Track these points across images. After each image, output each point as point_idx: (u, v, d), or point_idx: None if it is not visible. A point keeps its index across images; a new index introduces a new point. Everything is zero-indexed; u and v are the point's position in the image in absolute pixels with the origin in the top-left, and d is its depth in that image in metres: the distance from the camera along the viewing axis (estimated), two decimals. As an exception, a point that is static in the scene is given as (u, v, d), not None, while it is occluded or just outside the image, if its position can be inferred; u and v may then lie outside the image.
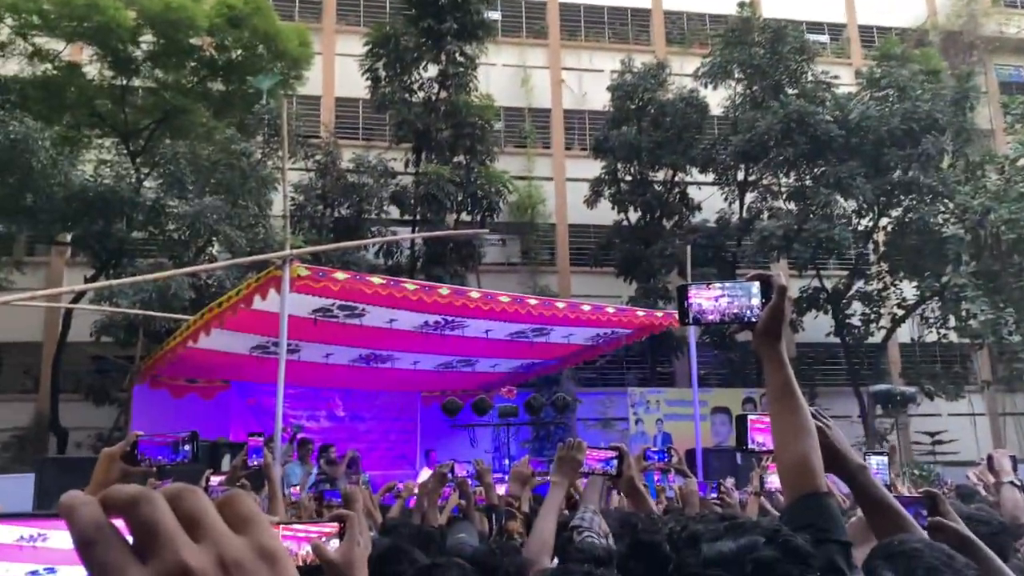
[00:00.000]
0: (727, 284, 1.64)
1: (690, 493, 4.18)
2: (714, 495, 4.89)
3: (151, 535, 0.48)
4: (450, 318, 9.94)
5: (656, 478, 7.05)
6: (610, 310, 10.46)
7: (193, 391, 11.98)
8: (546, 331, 11.03)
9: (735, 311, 1.61)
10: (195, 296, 12.23)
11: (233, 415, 12.26)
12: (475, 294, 9.22)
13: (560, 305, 10.03)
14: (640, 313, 10.97)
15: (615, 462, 2.82)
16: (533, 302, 9.72)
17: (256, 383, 12.38)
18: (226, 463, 8.58)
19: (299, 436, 10.39)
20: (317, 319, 9.22)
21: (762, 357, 1.60)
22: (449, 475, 4.64)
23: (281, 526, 1.50)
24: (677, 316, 1.67)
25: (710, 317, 1.64)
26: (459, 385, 14.23)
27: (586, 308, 10.15)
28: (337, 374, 12.31)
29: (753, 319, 1.60)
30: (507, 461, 12.46)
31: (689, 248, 13.68)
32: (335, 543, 1.52)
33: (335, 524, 1.54)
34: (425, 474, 12.22)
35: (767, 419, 1.70)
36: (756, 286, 1.62)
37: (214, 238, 13.38)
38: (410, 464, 13.49)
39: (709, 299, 1.63)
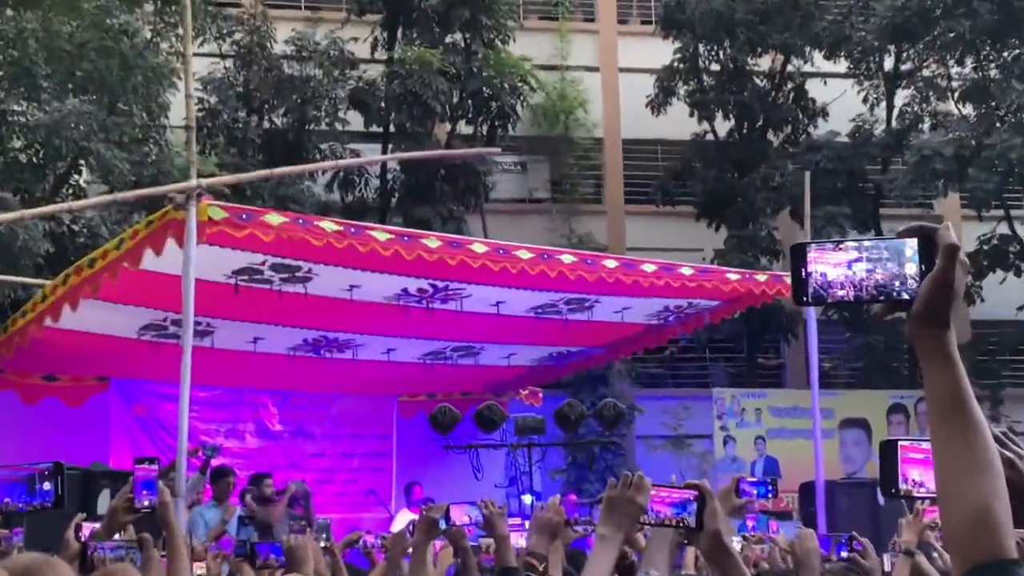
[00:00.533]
0: (867, 241, 1.61)
1: (806, 553, 4.19)
2: (841, 555, 4.90)
3: None
4: (442, 284, 9.94)
5: (750, 524, 7.11)
6: (686, 271, 10.43)
7: (53, 393, 12.11)
8: (588, 303, 11.02)
9: (879, 283, 1.58)
10: (54, 250, 12.32)
11: (114, 429, 12.40)
12: (480, 247, 9.21)
13: (609, 264, 9.99)
14: (732, 276, 10.94)
15: (693, 507, 2.83)
16: (568, 259, 9.69)
17: (148, 381, 12.48)
18: (104, 502, 8.69)
19: (214, 462, 10.49)
20: (239, 285, 9.24)
21: (920, 353, 1.57)
22: (441, 523, 4.68)
23: None
24: (790, 289, 1.64)
25: (840, 292, 1.60)
26: (455, 386, 14.28)
27: (649, 268, 10.12)
28: (271, 368, 12.39)
29: (907, 296, 1.57)
30: (529, 501, 12.57)
31: (808, 176, 13.58)
32: None
33: None
34: (404, 519, 12.40)
35: (927, 445, 1.68)
36: (912, 244, 1.58)
37: (82, 161, 13.43)
38: (382, 503, 13.64)
39: (839, 265, 1.60)
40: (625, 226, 22.12)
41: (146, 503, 3.58)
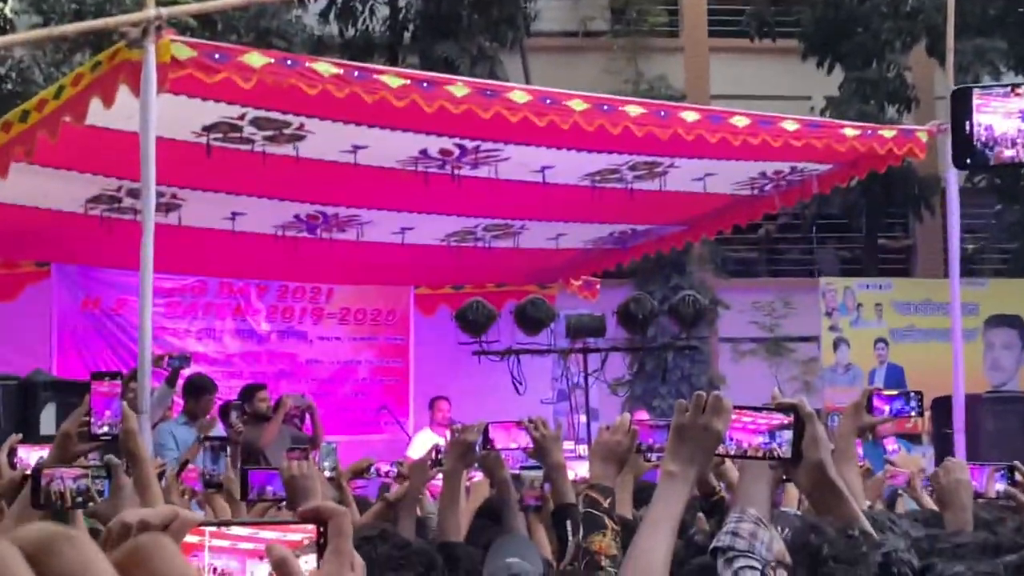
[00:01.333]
0: None
1: (954, 487, 4.21)
2: (998, 489, 4.93)
3: None
4: (471, 143, 9.91)
5: (890, 448, 7.14)
6: (789, 125, 10.31)
7: (-19, 283, 12.34)
8: (660, 168, 10.97)
9: None
10: (-24, 101, 12.38)
11: (58, 328, 12.63)
12: (520, 96, 9.12)
13: (689, 116, 9.90)
14: (849, 131, 10.80)
15: (787, 433, 2.86)
16: (635, 111, 9.61)
17: (99, 268, 12.65)
18: (48, 419, 8.88)
19: (185, 372, 10.68)
20: (212, 144, 9.26)
21: None
22: (477, 447, 4.76)
23: (210, 531, 1.56)
24: (952, 147, 1.63)
25: (1008, 153, 1.60)
26: (488, 275, 14.35)
27: (740, 122, 10.03)
28: (253, 251, 12.52)
29: None
30: (585, 420, 12.71)
31: (952, -1, 13.26)
32: (308, 563, 1.58)
33: (308, 527, 1.60)
34: (425, 442, 12.58)
35: None
36: None
37: (6, -15, 13.39)
38: (397, 422, 13.87)
39: (1011, 116, 1.59)
40: (709, 67, 21.87)
41: (106, 428, 3.66)
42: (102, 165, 9.73)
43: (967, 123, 1.59)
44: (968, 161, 1.63)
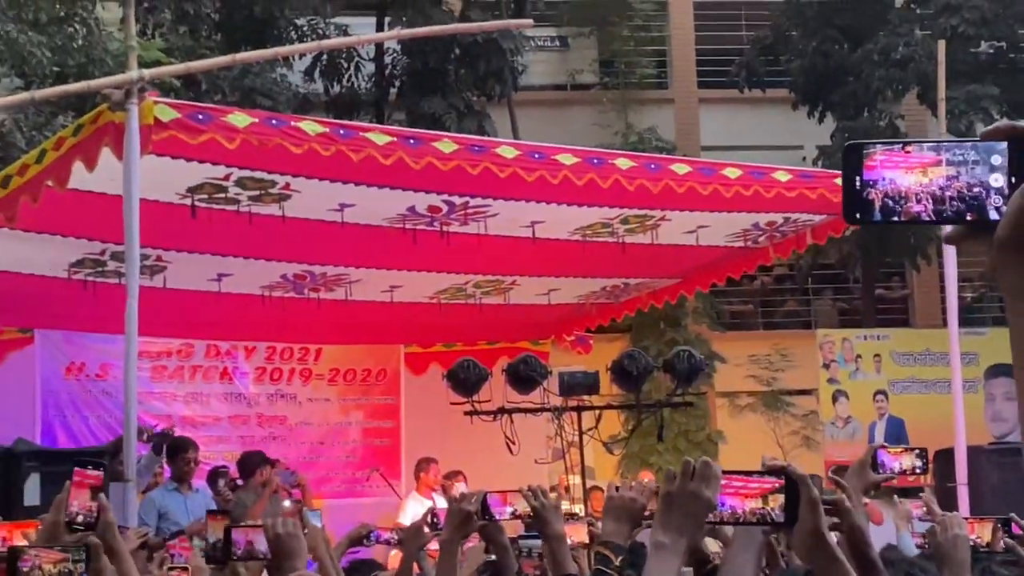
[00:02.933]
0: (946, 145, 1.63)
1: (951, 542, 4.20)
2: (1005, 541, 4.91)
3: None
4: (460, 199, 9.93)
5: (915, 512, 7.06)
6: (781, 176, 10.35)
7: (-36, 350, 12.34)
8: (652, 221, 10.99)
9: (961, 196, 1.61)
10: (-43, 165, 12.41)
11: (42, 395, 12.60)
12: (509, 151, 9.16)
13: (680, 169, 9.94)
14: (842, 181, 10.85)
15: (780, 497, 2.85)
16: (625, 164, 9.64)
17: (82, 334, 12.64)
18: (32, 490, 8.84)
19: (172, 436, 10.65)
20: (197, 206, 9.27)
21: (1005, 290, 1.60)
22: (475, 516, 4.74)
23: None
24: (841, 206, 1.66)
25: (914, 208, 1.62)
26: (479, 332, 14.34)
27: (732, 173, 10.06)
28: (240, 313, 12.53)
29: (990, 216, 1.59)
30: (572, 481, 12.66)
31: (942, 46, 13.39)
32: None
33: None
34: (414, 507, 12.53)
35: None
36: (1001, 150, 1.60)
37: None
38: (389, 486, 13.81)
39: (913, 170, 1.61)
40: (699, 118, 21.98)
41: (80, 518, 3.67)
42: (85, 228, 9.74)
43: (857, 178, 1.63)
44: (860, 216, 1.66)
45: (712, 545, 5.04)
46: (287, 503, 10.63)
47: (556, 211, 10.35)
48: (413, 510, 12.38)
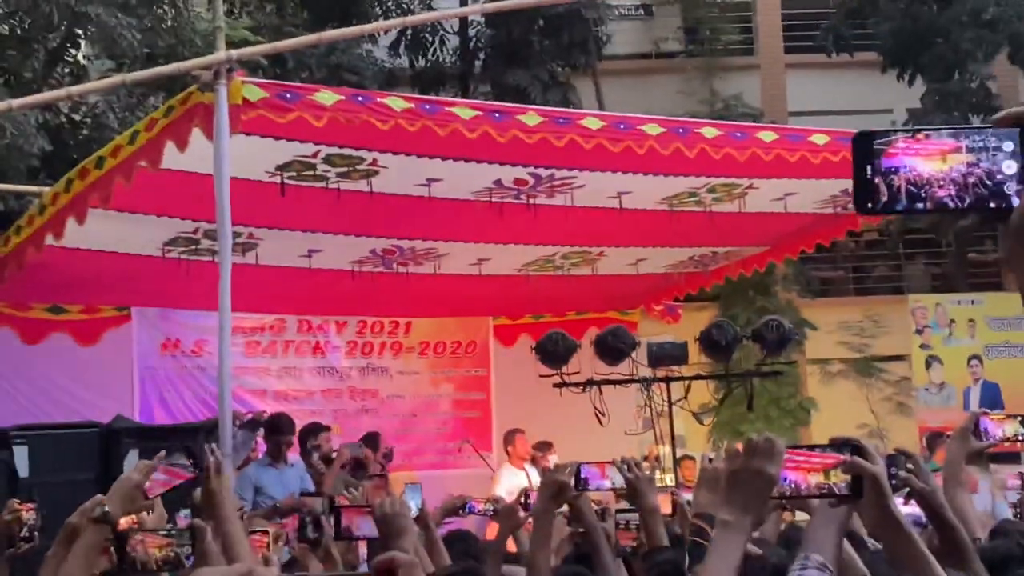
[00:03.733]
0: (964, 131, 1.62)
1: None
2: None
3: None
4: (546, 172, 9.93)
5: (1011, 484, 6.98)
6: (870, 142, 10.24)
7: (61, 329, 12.50)
8: (739, 189, 10.94)
9: (983, 182, 1.59)
10: (51, 148, 12.60)
11: (139, 371, 12.78)
12: (594, 122, 9.13)
13: (767, 136, 9.86)
14: (932, 145, 10.71)
15: (843, 472, 2.83)
16: (711, 133, 9.58)
17: (178, 310, 12.81)
18: (130, 467, 9.02)
19: (265, 416, 10.78)
20: (286, 183, 9.34)
21: (1018, 274, 1.58)
22: (569, 487, 4.75)
23: None
24: (853, 195, 1.63)
25: (939, 194, 1.61)
26: (566, 303, 14.35)
27: (820, 139, 9.96)
28: (330, 288, 12.62)
29: (1013, 203, 1.58)
30: (662, 452, 12.63)
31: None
32: None
33: None
34: (507, 477, 12.57)
35: None
36: (1013, 136, 1.59)
37: (78, 31, 13.65)
38: (481, 457, 13.87)
39: (932, 157, 1.60)
40: (786, 84, 21.76)
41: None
42: (178, 208, 9.85)
43: (873, 164, 1.61)
44: (873, 206, 1.64)
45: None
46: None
47: (642, 181, 10.32)
48: (507, 480, 12.45)
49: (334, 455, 10.48)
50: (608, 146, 9.02)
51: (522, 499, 5.87)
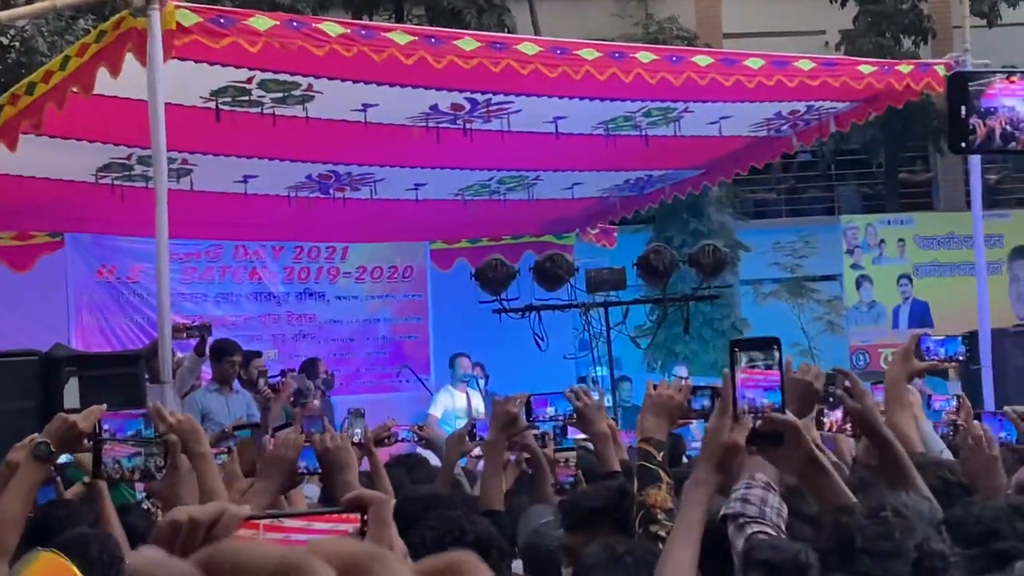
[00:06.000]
0: None
1: (986, 464, 4.18)
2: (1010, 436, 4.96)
3: None
4: (483, 97, 9.91)
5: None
6: (803, 65, 10.29)
7: (-6, 256, 12.42)
8: (674, 113, 10.97)
9: None
10: (-19, 73, 12.41)
11: (74, 298, 12.69)
12: (530, 47, 9.12)
13: (702, 60, 9.89)
14: (865, 68, 10.77)
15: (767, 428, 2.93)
16: (646, 57, 9.60)
17: (112, 236, 12.70)
18: (71, 395, 8.96)
19: (209, 339, 10.73)
20: (221, 109, 9.28)
21: None
22: (521, 418, 4.80)
23: (263, 524, 1.56)
24: (948, 134, 1.67)
25: None
26: (503, 227, 14.37)
27: (754, 63, 10.01)
28: (266, 214, 12.57)
29: None
30: (598, 375, 12.74)
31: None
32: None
33: (351, 516, 1.62)
34: (445, 398, 12.67)
35: None
36: None
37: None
38: (419, 380, 13.94)
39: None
40: (720, 6, 21.74)
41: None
42: (111, 134, 9.74)
43: (963, 107, 1.64)
44: (963, 145, 1.67)
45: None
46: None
47: (579, 106, 10.32)
48: (443, 401, 12.57)
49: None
50: (545, 71, 9.01)
51: (469, 428, 5.93)
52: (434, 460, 7.18)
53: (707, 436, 2.91)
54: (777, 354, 2.90)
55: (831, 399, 3.63)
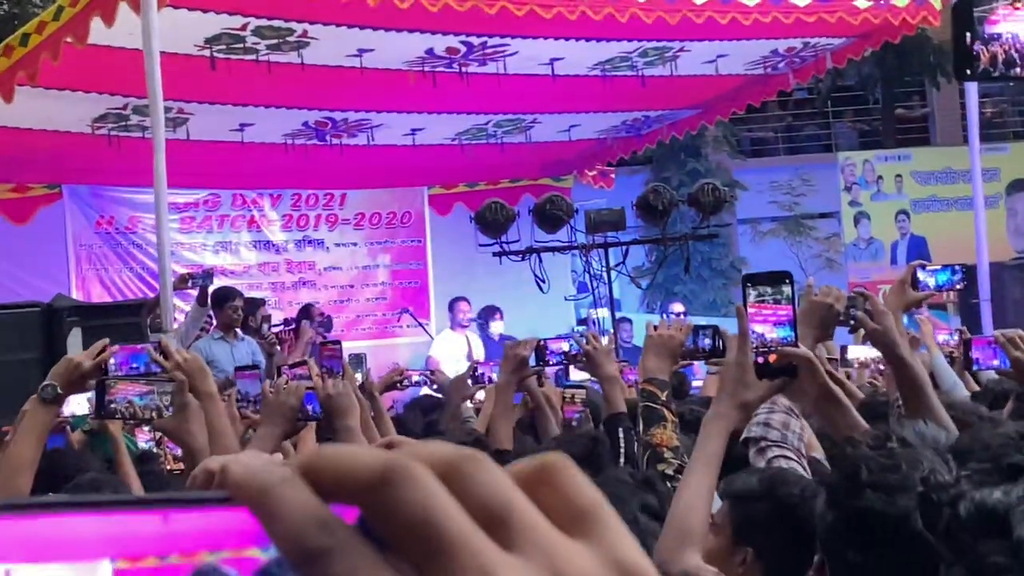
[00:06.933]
0: None
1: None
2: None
3: (436, 547, 0.54)
4: (478, 39, 9.91)
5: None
6: (800, 2, 10.24)
7: (-8, 209, 12.42)
8: (670, 52, 10.97)
9: None
10: (-27, 25, 12.35)
11: (74, 249, 12.70)
12: (525, -11, 9.12)
13: (697, -2, 9.88)
14: (862, 3, 10.70)
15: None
16: (642, -3, 9.59)
17: (110, 187, 12.69)
18: (74, 345, 9.00)
19: (210, 288, 10.75)
20: (216, 57, 9.30)
21: None
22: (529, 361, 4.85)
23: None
24: (953, 59, 1.67)
25: None
26: (501, 171, 14.35)
27: (750, 1, 9.96)
28: (264, 161, 12.56)
29: None
30: (601, 316, 12.77)
31: None
32: None
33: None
34: (447, 342, 12.71)
35: None
36: None
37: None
38: (420, 326, 13.97)
39: None
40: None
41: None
42: (106, 84, 9.74)
43: (967, 34, 1.64)
44: (968, 72, 1.68)
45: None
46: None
47: (575, 47, 10.32)
48: (443, 344, 12.61)
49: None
50: (540, 12, 9.01)
51: (471, 372, 5.98)
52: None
53: (726, 370, 2.92)
54: (787, 288, 2.90)
55: (852, 321, 3.64)
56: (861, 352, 7.10)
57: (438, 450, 0.55)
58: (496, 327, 12.65)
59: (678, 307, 13.71)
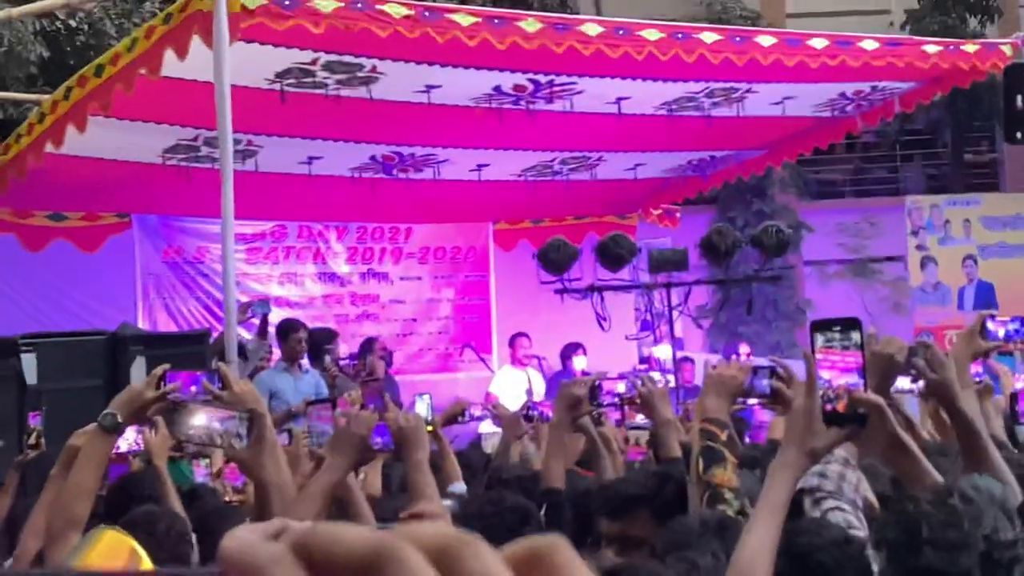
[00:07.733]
0: None
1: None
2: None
3: None
4: (545, 78, 9.94)
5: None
6: (868, 45, 10.22)
7: (62, 236, 12.50)
8: (737, 93, 10.95)
9: None
10: (50, 54, 12.52)
11: (141, 278, 12.80)
12: (593, 28, 9.15)
13: (765, 40, 9.85)
14: (931, 48, 10.66)
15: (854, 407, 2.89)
16: (710, 38, 9.58)
17: (178, 217, 12.80)
18: (138, 374, 9.06)
19: (270, 318, 10.80)
20: (286, 91, 9.37)
21: None
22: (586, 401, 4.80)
23: None
24: (1004, 124, 1.64)
25: None
26: (565, 208, 14.34)
27: (818, 44, 9.96)
28: (331, 194, 12.63)
29: None
30: (667, 353, 12.70)
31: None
32: None
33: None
34: (506, 376, 12.67)
35: None
36: None
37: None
38: (481, 361, 13.95)
39: None
40: (786, -14, 21.55)
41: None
42: (178, 115, 9.86)
43: (1019, 96, 1.61)
44: (1019, 136, 1.64)
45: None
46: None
47: (641, 87, 10.34)
48: (503, 380, 12.58)
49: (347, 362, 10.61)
50: (607, 52, 9.05)
51: (525, 411, 5.96)
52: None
53: (794, 417, 2.87)
54: (856, 335, 2.84)
55: (912, 371, 3.60)
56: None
57: (434, 533, 0.53)
58: (579, 362, 12.59)
59: (744, 348, 13.60)
